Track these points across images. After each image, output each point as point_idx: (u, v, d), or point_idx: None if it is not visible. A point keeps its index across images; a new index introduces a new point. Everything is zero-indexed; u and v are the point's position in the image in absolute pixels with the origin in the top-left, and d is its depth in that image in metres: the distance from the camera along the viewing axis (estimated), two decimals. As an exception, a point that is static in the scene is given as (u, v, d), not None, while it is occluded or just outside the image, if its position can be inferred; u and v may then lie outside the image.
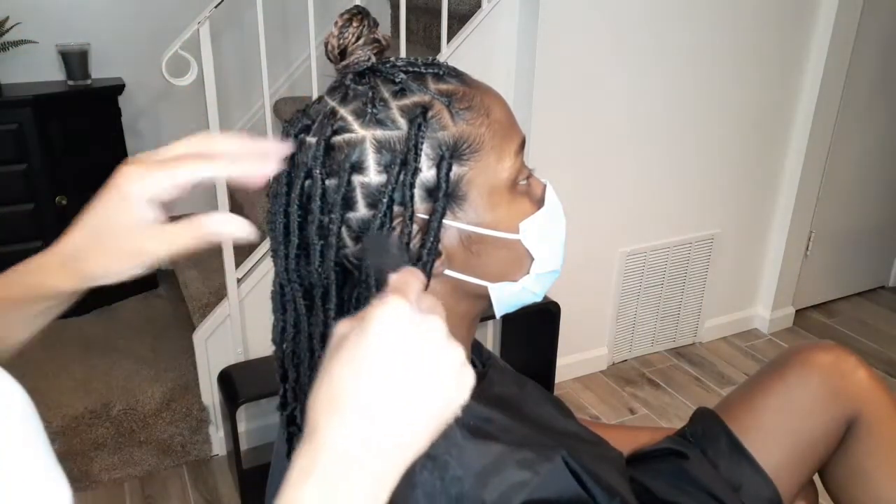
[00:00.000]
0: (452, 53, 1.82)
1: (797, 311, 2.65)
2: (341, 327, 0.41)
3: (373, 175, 0.57)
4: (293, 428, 0.65)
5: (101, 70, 2.34)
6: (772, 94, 2.26)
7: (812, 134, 2.32)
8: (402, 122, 0.57)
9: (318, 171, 0.57)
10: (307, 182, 0.57)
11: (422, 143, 0.57)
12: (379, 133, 0.57)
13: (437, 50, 1.89)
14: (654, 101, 2.06)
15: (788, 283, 2.56)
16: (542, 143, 1.93)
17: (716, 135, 2.22)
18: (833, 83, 2.30)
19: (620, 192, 2.13)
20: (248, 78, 2.58)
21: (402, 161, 0.56)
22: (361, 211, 0.57)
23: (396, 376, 0.38)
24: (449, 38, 1.85)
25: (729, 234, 2.39)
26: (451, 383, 0.39)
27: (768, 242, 2.51)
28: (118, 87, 2.29)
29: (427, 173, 0.58)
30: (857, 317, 2.70)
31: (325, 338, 0.60)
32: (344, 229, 0.58)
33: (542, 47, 1.83)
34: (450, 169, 0.58)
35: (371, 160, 0.57)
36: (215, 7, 1.62)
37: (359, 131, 0.57)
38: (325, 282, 0.59)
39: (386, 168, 0.57)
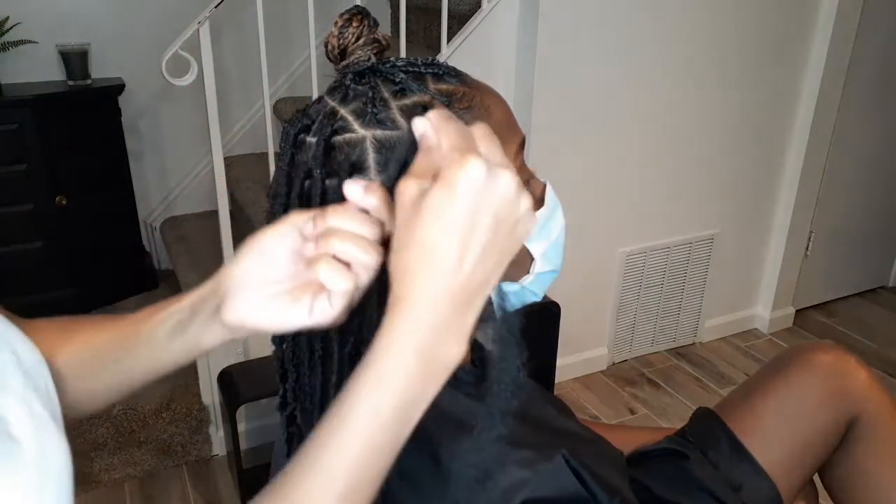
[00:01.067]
0: (452, 53, 1.82)
1: (797, 311, 2.64)
2: (409, 188, 0.43)
3: (373, 175, 0.57)
4: (293, 428, 0.65)
5: (101, 70, 2.34)
6: (772, 93, 2.26)
7: (812, 134, 2.32)
8: (403, 122, 0.57)
9: (318, 172, 0.56)
10: (307, 182, 0.57)
11: (422, 143, 0.57)
12: (379, 133, 0.57)
13: (437, 50, 1.89)
14: (655, 101, 2.06)
15: (788, 283, 2.56)
16: (542, 143, 1.93)
17: (716, 134, 2.22)
18: (833, 83, 2.30)
19: (620, 191, 2.13)
20: (248, 78, 2.58)
21: (402, 161, 0.56)
22: None
23: (482, 229, 0.42)
24: (449, 38, 1.85)
25: (729, 234, 2.39)
26: (524, 226, 0.44)
27: (768, 242, 2.51)
28: (118, 87, 2.29)
29: (427, 173, 0.57)
30: (857, 317, 2.70)
31: (324, 338, 0.60)
32: None
33: (542, 47, 1.83)
34: (450, 169, 0.58)
35: (371, 160, 0.57)
36: (215, 7, 1.62)
37: (359, 131, 0.57)
38: (325, 282, 0.59)
39: (386, 168, 0.56)
